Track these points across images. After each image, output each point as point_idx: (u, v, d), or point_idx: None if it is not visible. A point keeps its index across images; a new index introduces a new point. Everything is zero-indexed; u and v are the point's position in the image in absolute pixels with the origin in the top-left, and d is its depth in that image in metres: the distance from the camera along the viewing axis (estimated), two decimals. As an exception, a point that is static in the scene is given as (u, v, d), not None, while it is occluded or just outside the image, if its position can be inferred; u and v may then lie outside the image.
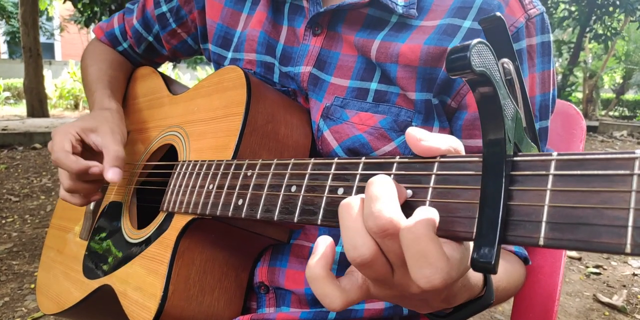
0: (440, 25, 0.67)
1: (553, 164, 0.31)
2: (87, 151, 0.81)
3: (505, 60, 0.34)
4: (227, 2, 0.86)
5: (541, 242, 0.30)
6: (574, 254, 3.19)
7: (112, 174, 0.74)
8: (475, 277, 0.46)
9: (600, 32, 9.98)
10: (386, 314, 0.73)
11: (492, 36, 0.34)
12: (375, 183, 0.37)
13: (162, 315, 0.64)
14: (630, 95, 16.98)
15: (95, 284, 0.81)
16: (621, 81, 16.00)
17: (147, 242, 0.73)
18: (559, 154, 0.31)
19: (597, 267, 2.98)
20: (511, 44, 0.35)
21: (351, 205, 0.38)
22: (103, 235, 0.87)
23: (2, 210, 3.57)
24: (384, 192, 0.36)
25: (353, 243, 0.37)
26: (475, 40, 0.30)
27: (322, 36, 0.75)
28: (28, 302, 2.22)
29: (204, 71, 15.10)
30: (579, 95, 14.98)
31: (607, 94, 17.89)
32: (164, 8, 0.95)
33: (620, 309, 2.41)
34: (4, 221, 3.33)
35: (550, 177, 0.30)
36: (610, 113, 15.58)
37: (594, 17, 9.65)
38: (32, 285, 2.38)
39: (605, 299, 2.50)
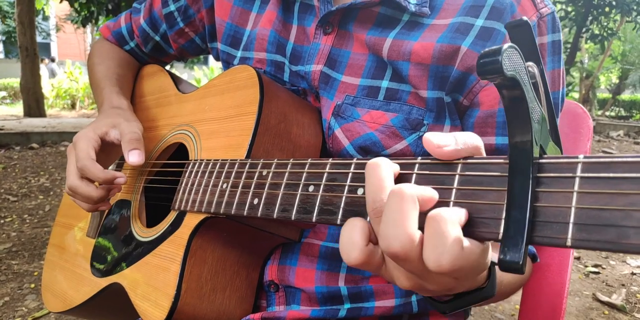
0: (452, 24, 0.67)
1: (580, 166, 0.31)
2: (109, 149, 0.82)
3: (531, 63, 0.35)
4: (236, 1, 0.86)
5: (569, 242, 0.30)
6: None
7: (132, 157, 0.75)
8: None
9: (597, 32, 10.01)
10: (396, 312, 0.73)
11: (517, 39, 0.35)
12: (398, 197, 0.36)
13: (175, 313, 0.64)
14: (626, 95, 17.05)
15: (104, 282, 0.81)
16: (617, 81, 16.07)
17: (159, 240, 0.73)
18: (585, 157, 0.31)
19: (596, 266, 3.00)
20: (536, 48, 0.35)
21: (380, 165, 0.40)
22: (112, 233, 0.87)
23: (0, 210, 3.56)
24: (406, 210, 0.36)
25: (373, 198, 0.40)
26: (506, 45, 0.30)
27: (333, 35, 0.76)
28: (28, 301, 2.22)
29: (201, 71, 15.07)
30: (576, 95, 15.04)
31: (603, 94, 17.96)
32: (172, 7, 0.95)
33: (620, 308, 2.43)
34: (2, 221, 3.32)
35: (577, 179, 0.31)
36: (607, 113, 15.65)
37: (590, 18, 9.67)
38: (32, 285, 2.37)
39: (605, 298, 2.51)
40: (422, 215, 0.36)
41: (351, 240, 0.39)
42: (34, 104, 8.91)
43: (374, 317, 0.74)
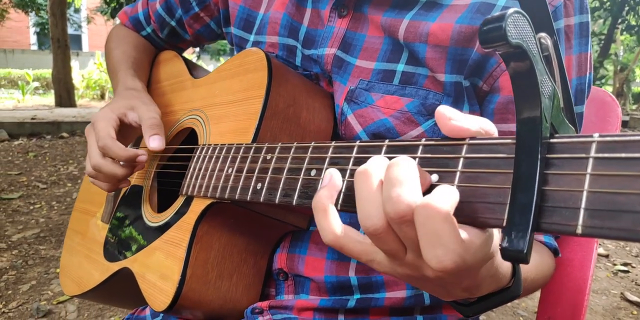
0: (473, 4, 0.64)
1: (594, 146, 0.28)
2: (126, 130, 0.81)
3: (543, 34, 0.32)
4: None
5: (579, 230, 0.27)
6: (601, 251, 3.11)
7: (152, 142, 0.74)
8: (504, 267, 0.44)
9: (633, 23, 9.64)
10: (407, 304, 0.71)
11: (529, 9, 0.32)
12: (396, 165, 0.35)
13: (179, 298, 0.64)
14: (663, 90, 16.41)
15: (115, 266, 0.81)
16: (654, 75, 15.49)
17: (166, 225, 0.72)
18: (600, 135, 0.28)
19: (625, 265, 2.90)
20: (550, 18, 0.32)
21: (369, 173, 0.37)
22: (123, 218, 0.87)
23: (30, 196, 3.66)
24: (405, 175, 0.34)
25: (367, 213, 0.37)
26: (511, 10, 0.28)
27: (348, 18, 0.73)
28: (54, 286, 2.27)
29: (228, 62, 15.14)
30: (609, 88, 14.56)
31: (638, 87, 17.34)
32: None
33: (649, 308, 2.34)
34: (32, 207, 3.42)
35: (591, 161, 0.28)
36: (642, 107, 15.10)
37: (626, 8, 9.31)
38: (58, 270, 2.43)
39: (634, 298, 2.43)
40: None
41: (319, 226, 0.40)
42: (65, 95, 9.12)
43: (384, 308, 0.72)
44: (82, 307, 2.10)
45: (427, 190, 0.36)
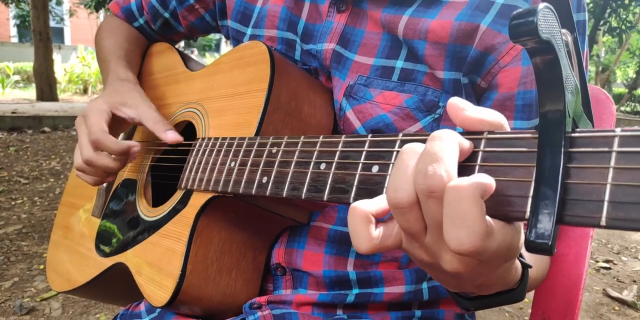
0: (472, 1, 0.64)
1: (617, 140, 0.29)
2: (117, 124, 0.80)
3: (564, 31, 0.32)
4: None
5: (603, 222, 0.28)
6: (583, 247, 3.16)
7: (172, 135, 0.75)
8: (517, 273, 0.44)
9: (615, 25, 9.78)
10: (406, 299, 0.72)
11: (551, 3, 0.32)
12: (438, 140, 0.34)
13: (179, 294, 0.63)
14: (642, 91, 16.75)
15: (108, 261, 0.80)
16: (634, 76, 15.80)
17: (164, 219, 0.71)
18: (622, 130, 0.29)
19: (607, 261, 2.96)
20: (571, 14, 0.33)
21: (416, 150, 0.36)
22: (117, 212, 0.86)
23: (11, 192, 3.59)
24: (444, 151, 0.33)
25: (396, 185, 0.35)
26: (542, 4, 0.28)
27: (347, 13, 0.73)
28: (37, 282, 2.24)
29: (213, 58, 15.03)
30: (591, 89, 14.78)
31: (619, 88, 17.69)
32: None
33: (631, 304, 2.40)
34: (13, 203, 3.35)
35: (614, 154, 0.28)
36: (622, 108, 15.40)
37: (608, 10, 9.45)
38: (41, 266, 2.39)
39: (615, 294, 2.48)
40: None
41: (356, 233, 0.37)
42: (47, 88, 8.95)
43: (382, 303, 0.72)
44: (66, 304, 2.06)
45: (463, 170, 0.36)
